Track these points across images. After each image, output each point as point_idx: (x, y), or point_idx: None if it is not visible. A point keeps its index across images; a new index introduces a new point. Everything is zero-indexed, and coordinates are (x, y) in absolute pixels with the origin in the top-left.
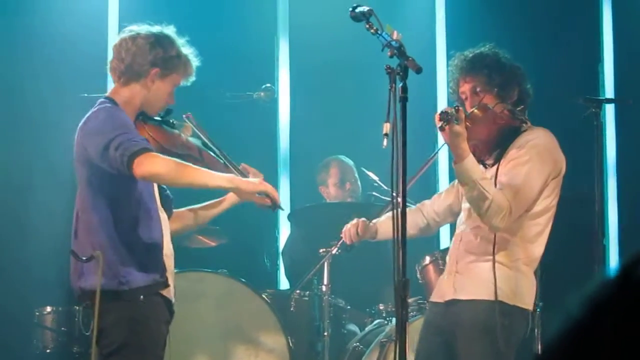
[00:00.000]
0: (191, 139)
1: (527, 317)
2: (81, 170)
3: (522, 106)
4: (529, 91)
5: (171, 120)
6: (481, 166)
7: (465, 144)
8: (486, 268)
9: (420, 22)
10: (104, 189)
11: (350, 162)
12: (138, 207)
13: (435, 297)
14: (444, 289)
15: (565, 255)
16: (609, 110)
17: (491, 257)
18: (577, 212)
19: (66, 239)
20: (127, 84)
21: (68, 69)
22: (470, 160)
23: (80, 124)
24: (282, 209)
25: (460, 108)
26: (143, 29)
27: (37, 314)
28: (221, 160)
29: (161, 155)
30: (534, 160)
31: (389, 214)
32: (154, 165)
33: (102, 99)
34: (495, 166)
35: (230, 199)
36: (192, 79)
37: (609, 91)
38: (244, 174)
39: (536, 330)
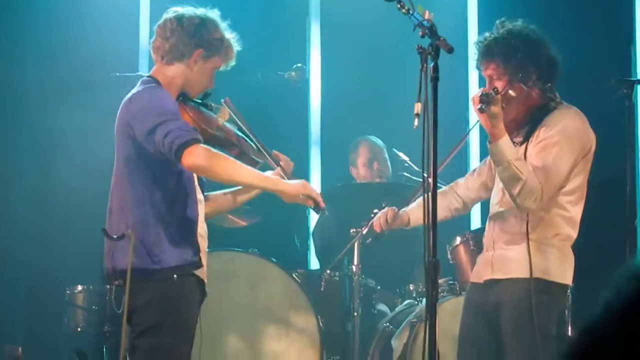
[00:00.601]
0: (227, 124)
1: (566, 291)
2: (122, 147)
3: (549, 83)
4: (556, 66)
5: (209, 104)
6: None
7: (502, 124)
8: (522, 247)
9: (452, 2)
10: (143, 167)
11: (380, 143)
12: (177, 186)
13: (474, 278)
14: (482, 270)
15: (597, 237)
16: None
17: (526, 236)
18: (608, 194)
19: (97, 218)
20: (171, 63)
21: (100, 47)
22: (506, 141)
23: (124, 101)
24: (325, 214)
25: (499, 89)
26: (188, 10)
27: (68, 292)
28: (255, 147)
29: (210, 148)
30: (563, 141)
31: (420, 200)
32: (204, 158)
33: (145, 78)
34: (524, 145)
35: None
36: (232, 63)
37: None
38: (276, 161)
39: (566, 312)
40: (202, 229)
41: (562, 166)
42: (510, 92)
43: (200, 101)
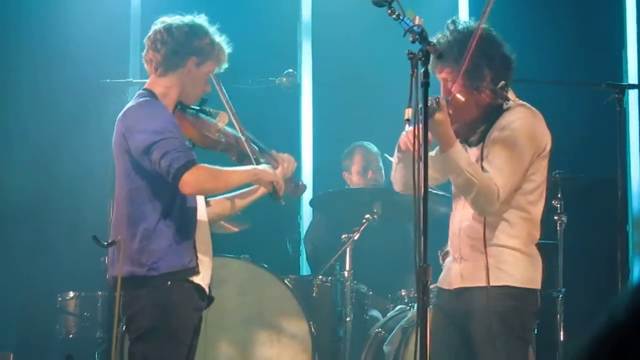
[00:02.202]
0: (227, 128)
1: (537, 296)
2: (120, 161)
3: (502, 82)
4: (510, 65)
5: (208, 109)
6: (465, 145)
7: (450, 131)
8: (489, 253)
9: (442, 7)
10: (141, 180)
11: (375, 150)
12: (175, 195)
13: (443, 284)
14: (452, 277)
15: (588, 242)
16: (632, 96)
17: (491, 242)
18: (599, 199)
19: (91, 226)
20: (165, 74)
21: (90, 54)
22: (457, 148)
23: (120, 116)
24: (282, 203)
25: (441, 97)
26: (175, 19)
27: (60, 299)
28: (256, 149)
29: (203, 165)
30: (517, 141)
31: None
32: (201, 182)
33: (141, 92)
34: (480, 145)
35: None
36: (225, 65)
37: (633, 77)
38: (276, 160)
39: (558, 316)
40: (205, 235)
41: (516, 166)
42: (458, 96)
43: (198, 108)
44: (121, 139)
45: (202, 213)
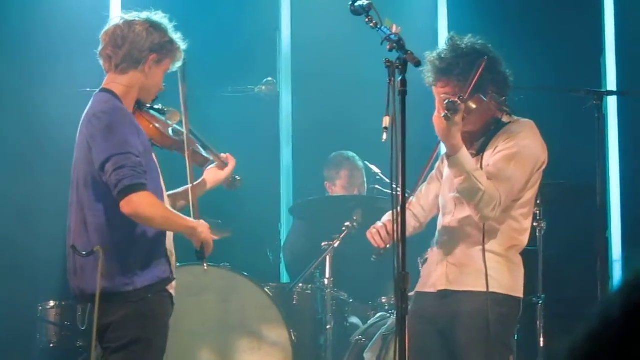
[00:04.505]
0: (177, 126)
1: (520, 305)
2: (82, 167)
3: (503, 97)
4: (509, 82)
5: (162, 108)
6: None
7: (460, 135)
8: (479, 258)
9: (422, 15)
10: (103, 190)
11: (361, 165)
12: None
13: (425, 287)
14: (435, 279)
15: (568, 248)
16: (611, 102)
17: (482, 247)
18: (579, 205)
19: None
20: (126, 72)
21: (66, 62)
22: (465, 152)
23: (84, 119)
24: (203, 263)
25: (459, 100)
26: (133, 15)
27: (41, 308)
28: (204, 146)
29: (152, 196)
30: (522, 152)
31: (389, 213)
32: (142, 207)
33: (102, 94)
34: (479, 156)
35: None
36: (179, 64)
37: (611, 83)
38: (220, 159)
39: (538, 322)
40: (170, 242)
41: (520, 175)
42: (471, 103)
43: (155, 107)
44: (86, 145)
45: None
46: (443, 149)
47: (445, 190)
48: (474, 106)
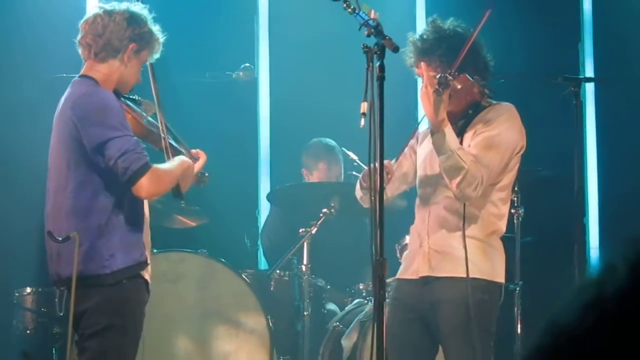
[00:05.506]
0: (151, 118)
1: (501, 290)
2: (65, 150)
3: (483, 81)
4: (489, 67)
5: (138, 99)
6: None
7: (445, 113)
8: (460, 244)
9: (400, 1)
10: (91, 172)
11: (340, 157)
12: (123, 189)
13: (406, 274)
14: (417, 266)
15: (546, 236)
16: (589, 89)
17: (462, 232)
18: (556, 193)
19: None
20: (105, 60)
21: (43, 48)
22: (450, 129)
23: (65, 104)
24: (182, 204)
25: (448, 76)
26: (114, 5)
27: (17, 294)
28: (175, 139)
29: (154, 168)
30: (504, 134)
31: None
32: (154, 187)
33: (81, 79)
34: (459, 138)
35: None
36: (157, 56)
37: (589, 70)
38: (194, 157)
39: (516, 310)
40: (147, 229)
41: (500, 158)
42: (456, 82)
43: (132, 97)
44: (72, 128)
45: (145, 206)
46: (421, 129)
47: (423, 173)
48: (459, 86)
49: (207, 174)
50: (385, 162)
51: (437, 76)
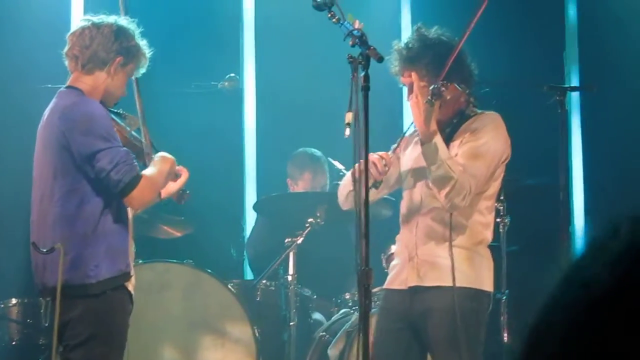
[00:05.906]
0: (134, 133)
1: (490, 298)
2: (51, 159)
3: (468, 90)
4: (474, 76)
5: (123, 113)
6: None
7: (435, 122)
8: (447, 253)
9: (385, 11)
10: (77, 181)
11: (326, 168)
12: (110, 197)
13: (394, 284)
14: (406, 276)
15: (531, 244)
16: (574, 98)
17: (449, 242)
18: (542, 201)
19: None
20: (92, 72)
21: (30, 58)
22: (440, 139)
23: (51, 114)
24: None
25: (442, 85)
26: (102, 17)
27: (2, 306)
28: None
29: (144, 177)
30: (490, 144)
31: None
32: (146, 197)
33: (67, 90)
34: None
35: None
36: (143, 71)
37: (574, 79)
38: (176, 174)
39: (502, 318)
40: (131, 240)
41: (487, 167)
42: (446, 92)
43: (116, 111)
44: (60, 137)
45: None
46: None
47: (409, 183)
48: (448, 96)
49: (188, 192)
50: (383, 153)
51: (431, 87)
